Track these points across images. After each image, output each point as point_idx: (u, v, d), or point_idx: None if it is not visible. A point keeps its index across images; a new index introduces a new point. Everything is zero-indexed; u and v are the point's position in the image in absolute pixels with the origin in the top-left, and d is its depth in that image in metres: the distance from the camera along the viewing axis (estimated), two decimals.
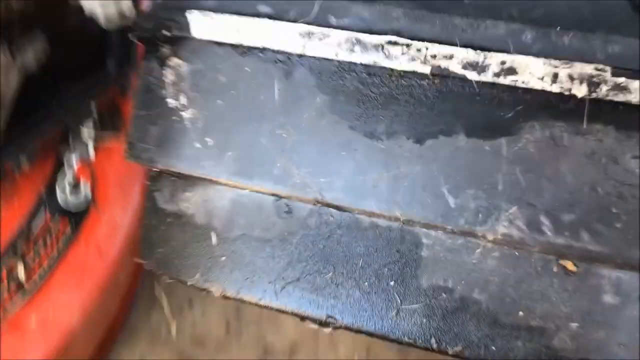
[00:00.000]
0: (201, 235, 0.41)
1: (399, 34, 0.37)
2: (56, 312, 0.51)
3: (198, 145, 0.40)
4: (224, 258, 0.40)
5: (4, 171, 0.52)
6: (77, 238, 0.53)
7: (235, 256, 0.40)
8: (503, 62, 0.35)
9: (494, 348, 0.35)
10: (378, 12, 0.37)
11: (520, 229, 0.35)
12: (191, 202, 0.41)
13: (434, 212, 0.36)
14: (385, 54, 0.36)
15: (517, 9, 0.37)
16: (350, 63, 0.38)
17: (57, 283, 0.52)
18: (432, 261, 0.36)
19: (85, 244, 0.54)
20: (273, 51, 0.39)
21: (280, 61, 0.39)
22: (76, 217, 0.54)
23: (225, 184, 0.40)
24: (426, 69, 0.36)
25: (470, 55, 0.35)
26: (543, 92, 0.35)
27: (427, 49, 0.36)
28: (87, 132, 0.57)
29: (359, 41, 0.37)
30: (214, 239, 0.40)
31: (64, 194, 0.55)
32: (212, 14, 0.39)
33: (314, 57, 0.38)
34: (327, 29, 0.37)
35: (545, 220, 0.35)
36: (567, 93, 0.34)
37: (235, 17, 0.39)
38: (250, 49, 0.39)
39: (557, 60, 0.34)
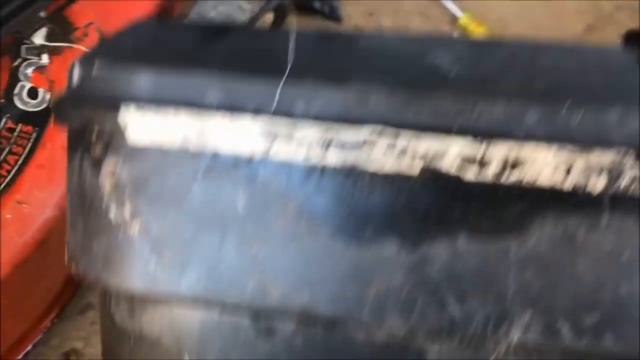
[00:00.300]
0: (172, 358, 0.36)
1: (378, 122, 0.30)
2: (31, 207, 0.56)
3: (153, 261, 0.33)
4: None
5: None
6: (42, 140, 0.59)
7: None
8: (506, 155, 0.29)
9: None
10: (353, 96, 0.30)
11: (536, 335, 0.31)
12: (155, 322, 0.35)
13: (438, 322, 0.31)
14: (366, 153, 0.30)
15: (516, 81, 0.31)
16: (325, 166, 0.31)
17: (28, 180, 0.57)
18: None
19: (52, 145, 0.59)
20: (230, 154, 0.32)
21: (240, 163, 0.32)
22: (39, 122, 0.60)
23: (191, 304, 0.34)
24: (415, 170, 0.30)
25: (465, 150, 0.29)
26: (555, 188, 0.30)
27: (415, 145, 0.30)
28: (39, 41, 0.63)
29: (333, 138, 0.30)
30: None
31: (22, 102, 0.60)
32: (150, 111, 0.32)
33: (281, 161, 0.31)
34: (292, 125, 0.30)
35: (563, 324, 0.31)
36: (582, 188, 0.30)
37: (180, 115, 0.32)
38: (202, 152, 0.32)
39: (569, 149, 0.29)
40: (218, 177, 0.33)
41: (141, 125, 0.32)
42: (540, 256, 0.31)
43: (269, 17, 0.87)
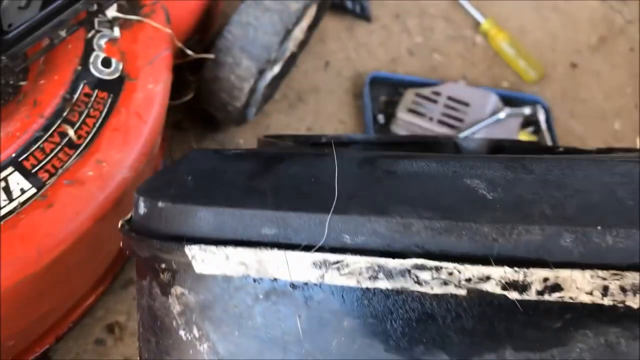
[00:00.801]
0: None
1: (421, 249, 0.33)
2: (109, 166, 0.60)
3: None
4: None
5: (50, 43, 0.62)
6: (116, 106, 0.64)
7: None
8: (546, 279, 0.31)
9: None
10: (396, 227, 0.33)
11: None
12: None
13: None
14: (413, 279, 0.32)
15: (548, 204, 0.33)
16: (375, 289, 0.34)
17: (105, 142, 0.61)
18: None
19: (126, 110, 0.64)
20: (287, 280, 0.35)
21: (297, 287, 0.35)
22: (113, 88, 0.65)
23: None
24: (462, 292, 0.32)
25: (508, 274, 0.31)
26: (596, 305, 0.32)
27: (459, 272, 0.32)
28: (112, 14, 0.68)
29: (381, 268, 0.33)
30: None
31: (97, 70, 0.64)
32: (212, 248, 0.35)
33: (332, 286, 0.34)
34: (342, 255, 0.33)
35: None
36: (620, 305, 0.31)
37: (238, 250, 0.35)
38: (261, 279, 0.35)
39: (605, 271, 0.31)
40: (277, 300, 0.35)
41: (205, 258, 0.36)
42: None
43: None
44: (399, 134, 1.08)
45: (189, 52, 0.79)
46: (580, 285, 0.31)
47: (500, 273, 0.32)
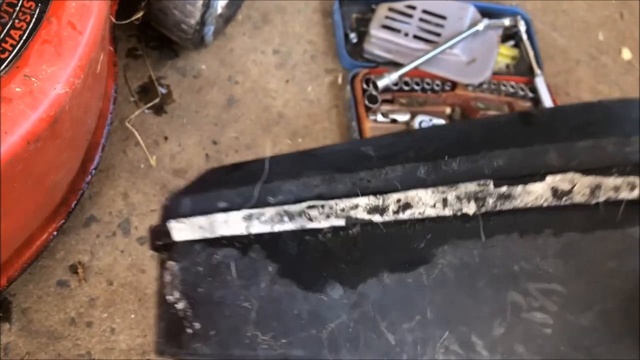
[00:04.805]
0: None
1: (315, 196, 0.44)
2: (41, 82, 0.57)
3: (189, 331, 0.49)
4: None
5: None
6: (46, 15, 0.59)
7: None
8: (399, 200, 0.42)
9: None
10: (302, 184, 0.45)
11: (457, 353, 0.40)
12: None
13: (379, 351, 0.42)
14: (306, 217, 0.45)
15: (413, 151, 0.43)
16: (284, 232, 0.46)
17: (34, 55, 0.57)
18: None
19: (57, 20, 0.60)
20: (229, 237, 0.48)
21: (237, 243, 0.48)
22: None
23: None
24: (341, 222, 0.43)
25: (371, 201, 0.42)
26: (444, 218, 0.41)
27: (336, 205, 0.43)
28: None
29: (286, 212, 0.45)
30: None
31: None
32: (184, 219, 0.49)
33: (258, 234, 0.46)
34: (261, 209, 0.46)
35: (477, 340, 0.40)
36: (459, 213, 0.40)
37: (202, 218, 0.48)
38: (215, 240, 0.48)
39: (445, 186, 0.40)
40: (225, 257, 0.48)
41: (179, 229, 0.50)
42: (446, 280, 0.41)
43: None
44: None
45: None
46: (425, 201, 0.41)
47: (365, 201, 0.43)
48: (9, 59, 0.57)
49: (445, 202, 0.40)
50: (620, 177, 0.37)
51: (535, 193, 0.38)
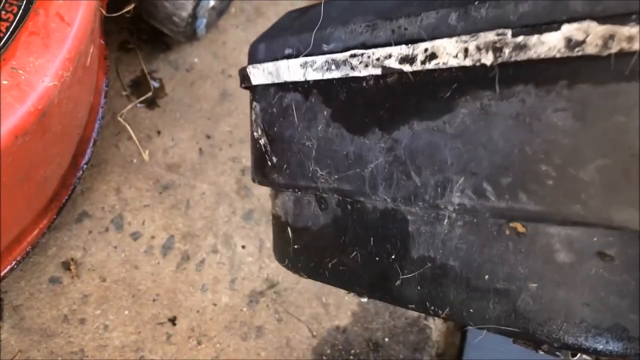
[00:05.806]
0: (283, 230, 0.61)
1: (359, 44, 0.48)
2: (29, 75, 0.56)
3: (269, 163, 0.59)
4: (296, 246, 0.59)
5: None
6: (33, 7, 0.59)
7: (301, 243, 0.58)
8: (426, 50, 0.43)
9: (471, 310, 0.42)
10: (350, 31, 0.50)
11: (470, 197, 0.41)
12: (278, 206, 0.62)
13: (408, 192, 0.46)
14: (349, 66, 0.49)
15: None
16: (334, 79, 0.51)
17: (22, 47, 0.57)
18: (417, 234, 0.46)
19: (45, 12, 0.59)
20: (293, 83, 0.55)
21: (300, 88, 0.55)
22: None
23: (288, 190, 0.59)
24: (377, 71, 0.46)
25: (403, 50, 0.44)
26: (465, 68, 0.41)
27: (373, 54, 0.46)
28: None
29: (333, 61, 0.50)
30: (289, 233, 0.59)
31: None
32: (259, 65, 0.58)
33: (316, 80, 0.52)
34: (313, 57, 0.51)
35: (487, 187, 0.40)
36: (478, 64, 0.40)
37: (271, 64, 0.56)
38: (283, 84, 0.56)
39: (467, 35, 0.40)
40: (292, 101, 0.56)
41: (256, 74, 0.59)
42: (466, 129, 0.41)
43: None
44: None
45: None
46: (449, 50, 0.41)
47: (397, 50, 0.45)
48: None
49: (466, 52, 0.40)
50: (636, 26, 0.36)
51: (549, 43, 0.38)
